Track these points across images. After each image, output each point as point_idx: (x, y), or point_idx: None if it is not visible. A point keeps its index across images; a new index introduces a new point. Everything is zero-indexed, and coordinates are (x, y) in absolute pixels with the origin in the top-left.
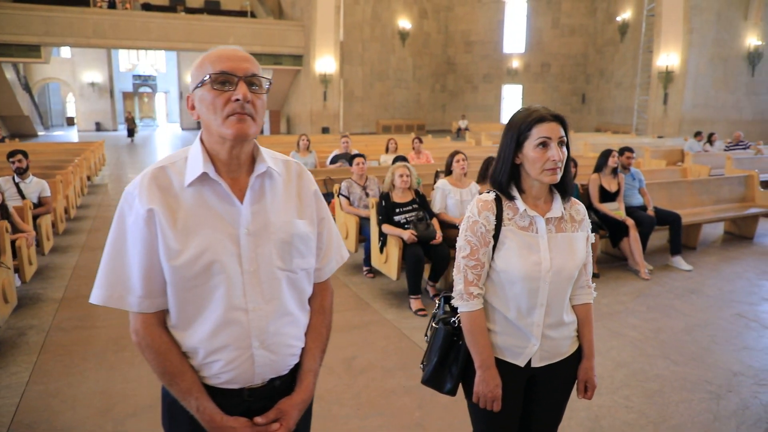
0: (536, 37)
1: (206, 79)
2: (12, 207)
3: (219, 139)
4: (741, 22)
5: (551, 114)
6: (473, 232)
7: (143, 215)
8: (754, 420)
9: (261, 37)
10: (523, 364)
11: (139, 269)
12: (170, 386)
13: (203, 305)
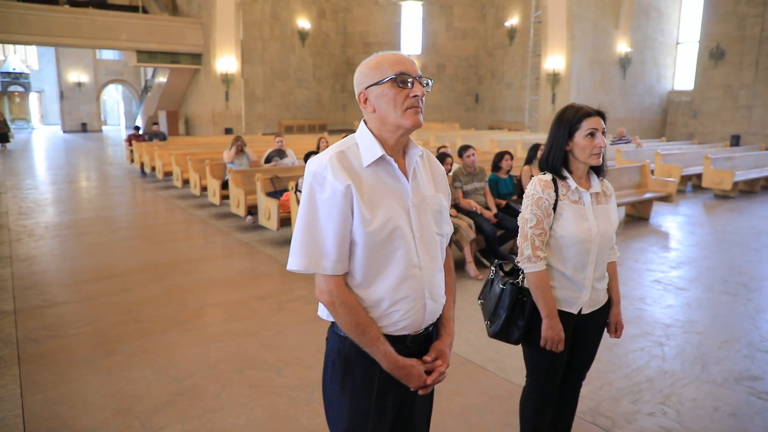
0: (431, 39)
1: (386, 79)
2: None
3: (393, 128)
4: (613, 30)
5: (595, 110)
6: (538, 206)
7: (341, 190)
8: (692, 359)
9: (157, 35)
10: (576, 312)
11: (333, 237)
12: (361, 336)
13: (386, 264)
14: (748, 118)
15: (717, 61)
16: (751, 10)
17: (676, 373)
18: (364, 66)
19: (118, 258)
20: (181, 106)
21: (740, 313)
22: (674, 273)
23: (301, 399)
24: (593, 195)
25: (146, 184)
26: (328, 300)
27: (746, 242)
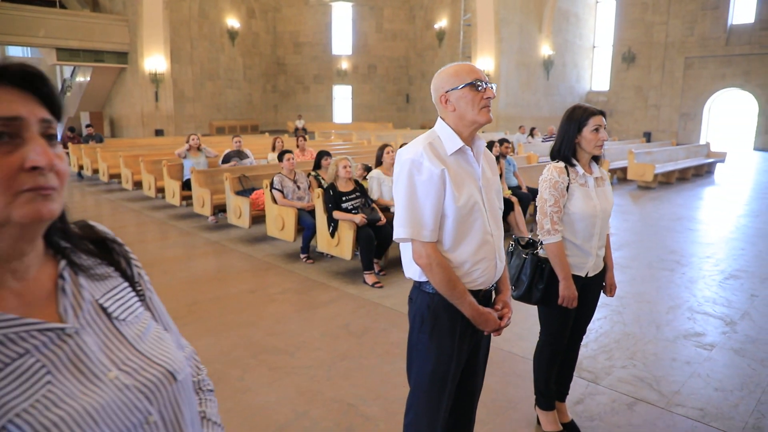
0: (362, 40)
1: (465, 84)
2: None
3: (469, 123)
4: (537, 34)
5: (599, 110)
6: (555, 188)
7: (438, 173)
8: (647, 323)
9: (78, 32)
10: (584, 275)
11: (430, 211)
12: (452, 290)
13: (468, 232)
14: (657, 116)
15: (629, 64)
16: (657, 18)
17: (636, 334)
18: (443, 73)
19: None
20: (105, 107)
21: (678, 284)
22: (616, 254)
23: (320, 376)
24: (595, 179)
25: (87, 187)
26: (426, 262)
27: (671, 226)
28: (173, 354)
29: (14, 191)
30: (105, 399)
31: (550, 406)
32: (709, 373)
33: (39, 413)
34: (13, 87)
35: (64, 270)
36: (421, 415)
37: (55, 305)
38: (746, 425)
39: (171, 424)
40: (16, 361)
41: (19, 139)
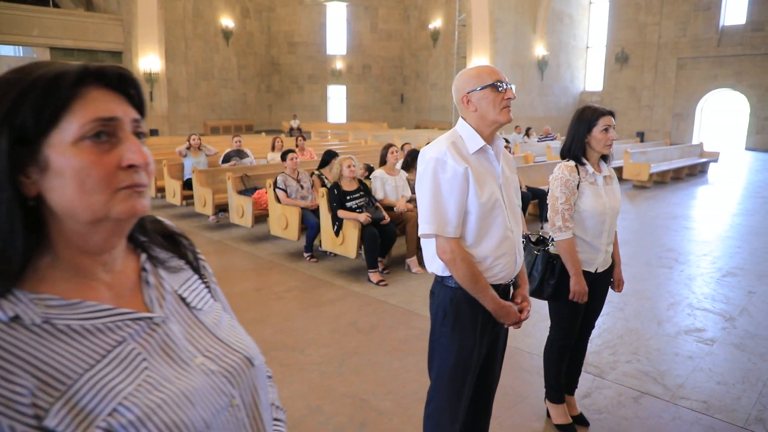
0: (357, 40)
1: (487, 85)
2: None
3: (491, 123)
4: (531, 34)
5: (608, 110)
6: (567, 186)
7: (461, 172)
8: (648, 319)
9: (72, 31)
10: (593, 270)
11: (455, 208)
12: (475, 284)
13: (490, 228)
14: (650, 116)
15: (622, 65)
16: (650, 19)
17: (638, 330)
18: (465, 75)
19: None
20: None
21: (677, 282)
22: None
23: (331, 372)
24: (604, 177)
25: None
26: (450, 257)
27: (668, 225)
28: (248, 341)
29: (113, 188)
30: (196, 383)
31: (560, 400)
32: (711, 368)
33: (143, 396)
34: (108, 89)
35: (145, 263)
36: (443, 406)
37: (140, 296)
38: (749, 417)
39: (250, 407)
40: (115, 348)
41: (115, 139)
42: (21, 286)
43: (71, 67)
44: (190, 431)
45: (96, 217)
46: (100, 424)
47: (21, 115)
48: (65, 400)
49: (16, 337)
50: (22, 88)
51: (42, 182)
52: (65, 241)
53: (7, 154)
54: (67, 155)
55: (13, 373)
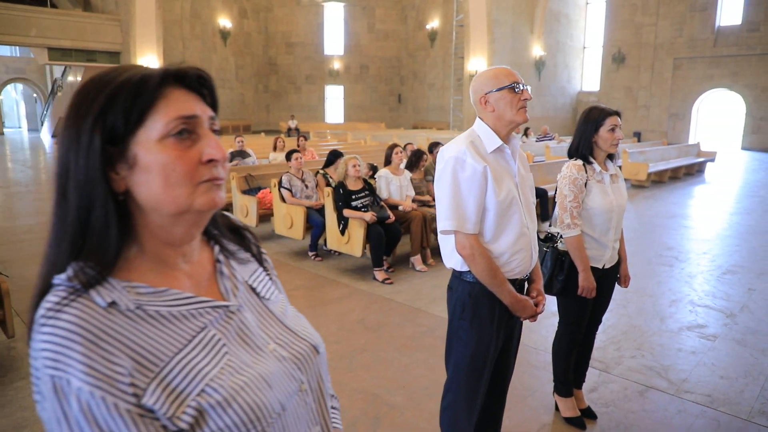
0: (354, 40)
1: (504, 87)
2: None
3: (507, 123)
4: (528, 35)
5: (614, 110)
6: (575, 184)
7: (480, 170)
8: (651, 315)
9: (70, 32)
10: (601, 266)
11: (474, 206)
12: (493, 278)
13: (507, 225)
14: (647, 116)
15: (619, 65)
16: (646, 19)
17: (641, 326)
18: (483, 76)
19: None
20: None
21: (678, 279)
22: None
23: (342, 367)
24: (610, 176)
25: None
26: (469, 252)
27: (667, 224)
28: (312, 330)
29: (195, 182)
30: (271, 368)
31: (568, 393)
32: (714, 362)
33: (227, 378)
34: (187, 89)
35: (218, 254)
36: (460, 397)
37: (216, 285)
38: (752, 410)
39: (316, 392)
40: (199, 334)
41: (195, 135)
42: (113, 274)
43: (154, 69)
44: (268, 412)
45: (179, 209)
46: (191, 404)
47: (111, 116)
48: (159, 380)
49: (114, 322)
50: (111, 90)
51: (130, 178)
52: (150, 233)
53: (99, 153)
54: (153, 151)
55: (113, 355)
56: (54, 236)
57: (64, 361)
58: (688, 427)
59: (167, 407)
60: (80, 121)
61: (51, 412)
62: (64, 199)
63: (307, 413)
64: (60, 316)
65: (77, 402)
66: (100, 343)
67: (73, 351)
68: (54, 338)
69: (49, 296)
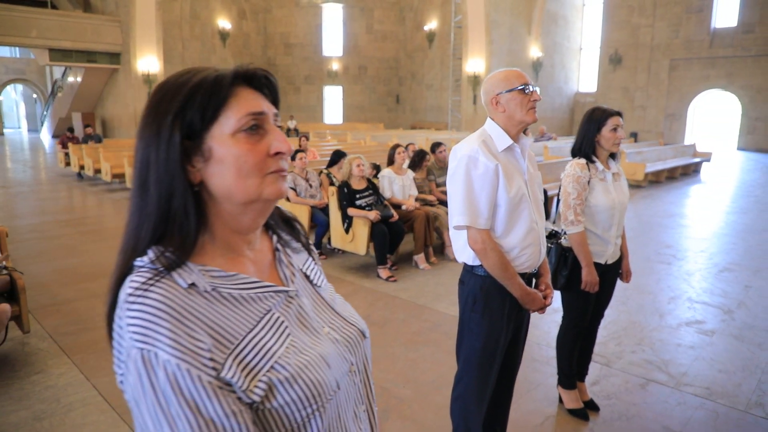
0: (352, 41)
1: (515, 88)
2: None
3: (518, 123)
4: (526, 36)
5: (616, 111)
6: (578, 182)
7: (492, 168)
8: (650, 312)
9: (71, 32)
10: (603, 262)
11: (486, 202)
12: (504, 272)
13: (517, 220)
14: (643, 117)
15: (615, 66)
16: (643, 21)
17: (641, 322)
18: (494, 78)
19: (102, 258)
20: (97, 107)
21: (676, 277)
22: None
23: None
24: (613, 174)
25: (89, 187)
26: (481, 247)
27: (664, 223)
28: (358, 316)
29: (264, 173)
30: (328, 349)
31: (572, 385)
32: (713, 357)
33: (292, 357)
34: (254, 88)
35: (277, 243)
36: (471, 387)
37: (276, 272)
38: (749, 401)
39: (362, 373)
40: (265, 315)
41: (263, 130)
42: (190, 259)
43: (225, 70)
44: (327, 389)
45: (250, 198)
46: (262, 379)
47: (189, 113)
48: (234, 356)
49: (194, 301)
50: (189, 90)
51: (205, 170)
52: (221, 222)
53: (179, 147)
54: (227, 145)
55: (195, 331)
56: (133, 224)
57: (153, 336)
58: (687, 419)
59: (242, 381)
60: (160, 118)
61: (137, 384)
62: (145, 190)
63: (355, 393)
64: (148, 294)
65: (164, 373)
66: (183, 320)
67: (161, 327)
68: (143, 315)
69: (134, 277)
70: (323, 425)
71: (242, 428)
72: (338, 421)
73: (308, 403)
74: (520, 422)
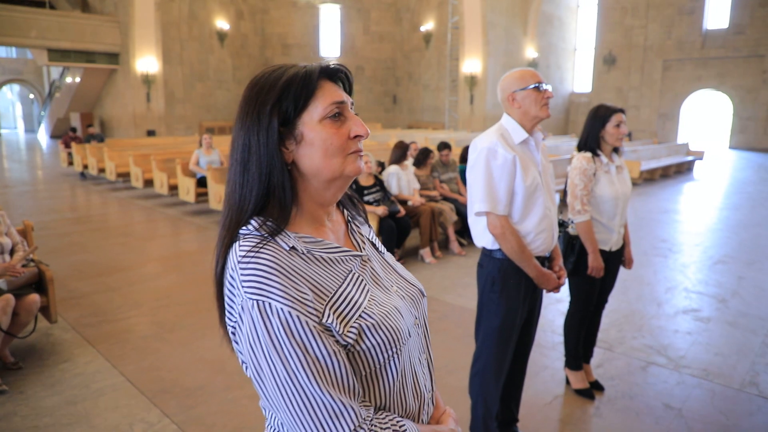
0: (350, 42)
1: (530, 86)
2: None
3: (533, 118)
4: (522, 37)
5: (619, 108)
6: (584, 174)
7: (511, 159)
8: (649, 301)
9: (70, 33)
10: (608, 249)
11: (505, 190)
12: (521, 254)
13: (533, 207)
14: (637, 116)
15: (610, 67)
16: (636, 22)
17: (641, 311)
18: (510, 77)
19: (114, 254)
20: (95, 108)
21: (672, 269)
22: None
23: None
24: (616, 167)
25: (93, 186)
26: (500, 231)
27: (659, 219)
28: (416, 280)
29: (346, 153)
30: (399, 303)
31: (578, 367)
32: (709, 341)
33: (375, 308)
34: (333, 81)
35: (348, 216)
36: (490, 363)
37: (350, 240)
38: (744, 381)
39: (423, 327)
40: (349, 274)
41: (343, 117)
42: (286, 227)
43: (312, 66)
44: (403, 335)
45: (334, 175)
46: (353, 325)
47: (285, 103)
48: (330, 306)
49: (295, 261)
50: (284, 83)
51: (297, 151)
52: (308, 196)
53: (276, 132)
54: (316, 130)
55: (300, 285)
56: (235, 198)
57: (267, 289)
58: (686, 396)
59: (338, 326)
60: (260, 107)
61: (252, 330)
62: (246, 170)
63: (419, 342)
64: (260, 255)
65: (278, 319)
66: (290, 276)
67: (273, 281)
68: (257, 272)
69: (243, 243)
70: (399, 366)
71: (341, 364)
72: (409, 365)
73: (389, 346)
74: (531, 401)
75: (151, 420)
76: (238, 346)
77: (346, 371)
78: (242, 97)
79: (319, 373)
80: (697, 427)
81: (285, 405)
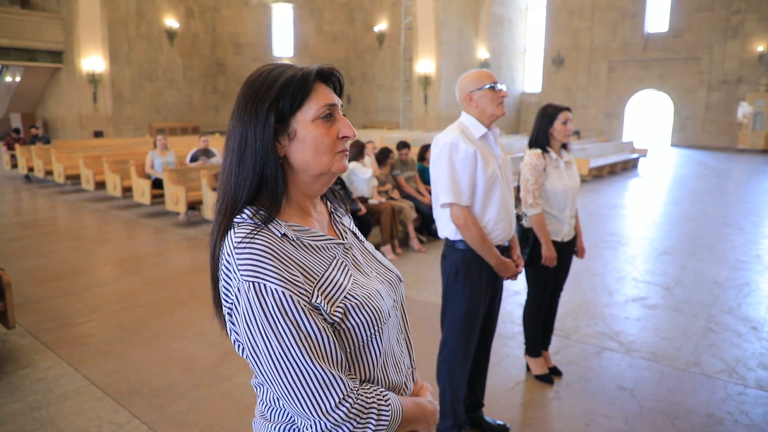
0: (303, 41)
1: (486, 87)
2: None
3: (490, 116)
4: (474, 38)
5: (566, 107)
6: (535, 170)
7: (472, 153)
8: (600, 290)
9: (8, 29)
10: (560, 239)
11: (467, 182)
12: (482, 243)
13: (492, 198)
14: (585, 116)
15: (558, 67)
16: (583, 24)
17: (594, 300)
18: (467, 78)
19: (68, 258)
20: (38, 108)
21: (622, 260)
22: None
23: None
24: (565, 162)
25: (40, 189)
26: (463, 222)
27: (608, 213)
28: (394, 266)
29: (334, 152)
30: (379, 287)
31: (537, 353)
32: (656, 327)
33: (358, 290)
34: (325, 83)
35: (331, 207)
36: (456, 351)
37: (333, 229)
38: (688, 361)
39: (400, 310)
40: (333, 260)
41: (333, 118)
42: (277, 216)
43: (309, 68)
44: (384, 315)
45: (322, 171)
46: (339, 305)
47: (282, 101)
48: (318, 287)
49: (286, 247)
50: (282, 83)
51: (289, 147)
52: (297, 188)
53: (272, 128)
54: (308, 129)
55: (291, 268)
56: (230, 188)
57: (262, 271)
58: (637, 378)
59: (326, 305)
60: (258, 104)
61: (248, 309)
62: (242, 161)
63: (398, 323)
64: (254, 240)
65: (272, 299)
66: (282, 260)
67: (268, 263)
68: (252, 255)
69: (238, 230)
70: (382, 344)
71: (330, 340)
72: (389, 343)
73: (372, 324)
74: (495, 387)
75: (120, 421)
76: (234, 326)
77: (335, 346)
78: (240, 92)
79: (311, 347)
80: (648, 405)
81: (279, 378)
